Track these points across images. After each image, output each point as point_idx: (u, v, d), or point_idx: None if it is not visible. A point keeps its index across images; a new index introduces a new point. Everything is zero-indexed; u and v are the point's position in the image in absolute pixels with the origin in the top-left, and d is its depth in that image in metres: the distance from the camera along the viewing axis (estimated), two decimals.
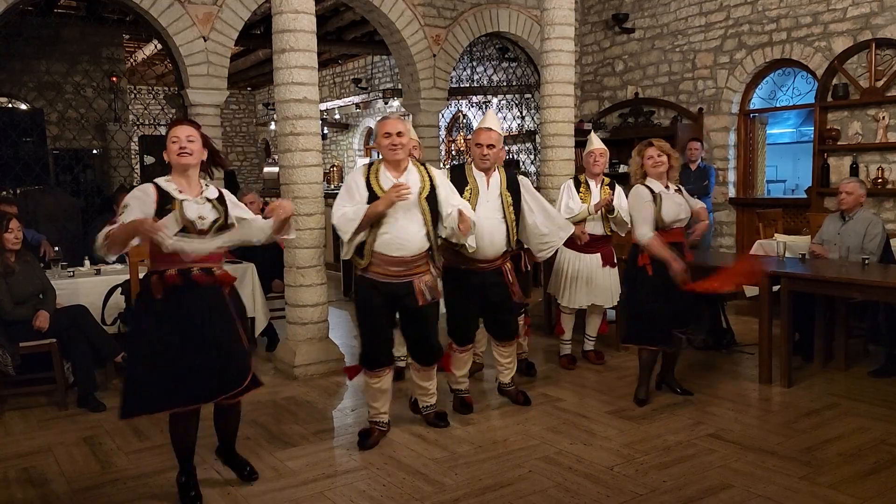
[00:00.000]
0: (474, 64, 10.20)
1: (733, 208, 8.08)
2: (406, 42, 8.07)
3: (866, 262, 4.82)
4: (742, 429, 4.04)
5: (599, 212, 5.08)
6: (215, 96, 7.02)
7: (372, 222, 3.69)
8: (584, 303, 5.21)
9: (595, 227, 5.13)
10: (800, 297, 4.88)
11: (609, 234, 5.19)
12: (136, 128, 8.25)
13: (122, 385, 3.18)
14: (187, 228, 3.07)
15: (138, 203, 3.02)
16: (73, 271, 5.29)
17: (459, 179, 4.21)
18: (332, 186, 13.10)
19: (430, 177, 3.85)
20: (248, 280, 5.66)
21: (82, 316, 4.68)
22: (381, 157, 3.85)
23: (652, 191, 4.29)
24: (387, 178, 3.74)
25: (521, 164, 10.08)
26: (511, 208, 4.26)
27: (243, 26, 7.23)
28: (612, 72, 9.22)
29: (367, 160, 12.78)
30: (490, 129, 4.24)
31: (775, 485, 3.32)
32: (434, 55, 8.28)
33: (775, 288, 4.82)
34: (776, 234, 6.77)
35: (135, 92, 9.02)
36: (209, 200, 3.18)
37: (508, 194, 4.27)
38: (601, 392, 4.78)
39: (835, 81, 6.98)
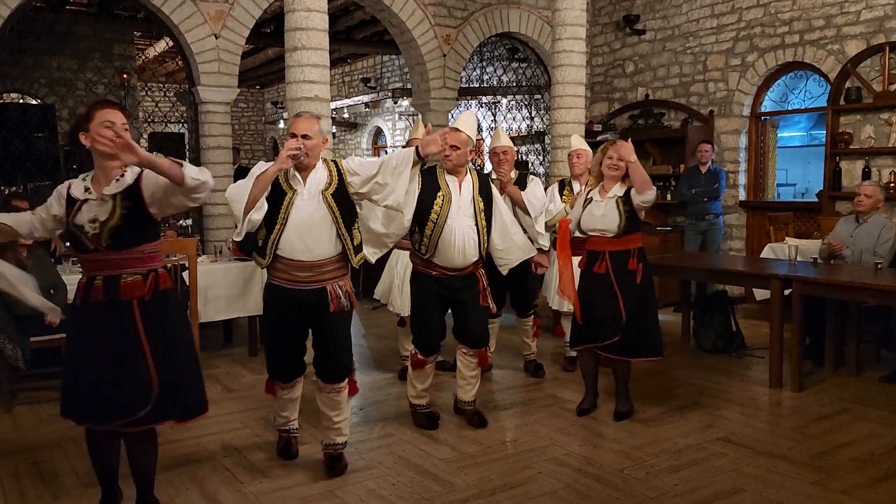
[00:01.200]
0: (484, 64, 10.18)
1: (744, 211, 8.05)
2: (416, 42, 8.06)
3: (879, 266, 4.79)
4: (753, 433, 4.01)
5: None
6: (226, 94, 7.03)
7: (263, 193, 3.23)
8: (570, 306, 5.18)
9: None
10: (811, 301, 4.85)
11: None
12: (146, 125, 8.27)
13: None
14: (76, 236, 2.72)
15: (45, 208, 2.82)
16: None
17: (431, 184, 3.96)
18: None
19: (339, 171, 3.41)
20: (256, 278, 5.65)
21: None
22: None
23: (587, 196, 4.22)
24: (296, 179, 3.34)
25: (530, 164, 10.06)
26: (483, 214, 4.00)
27: (254, 24, 7.24)
28: (623, 73, 9.19)
29: (374, 160, 12.76)
30: (457, 130, 3.98)
31: (787, 489, 3.30)
32: (444, 55, 8.27)
33: (787, 292, 4.80)
34: (787, 238, 6.74)
35: (145, 89, 9.03)
36: (112, 197, 2.72)
37: (480, 199, 4.01)
38: (611, 394, 4.74)
39: (847, 85, 6.94)
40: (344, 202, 3.38)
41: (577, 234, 4.31)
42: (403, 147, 4.48)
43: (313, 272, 3.35)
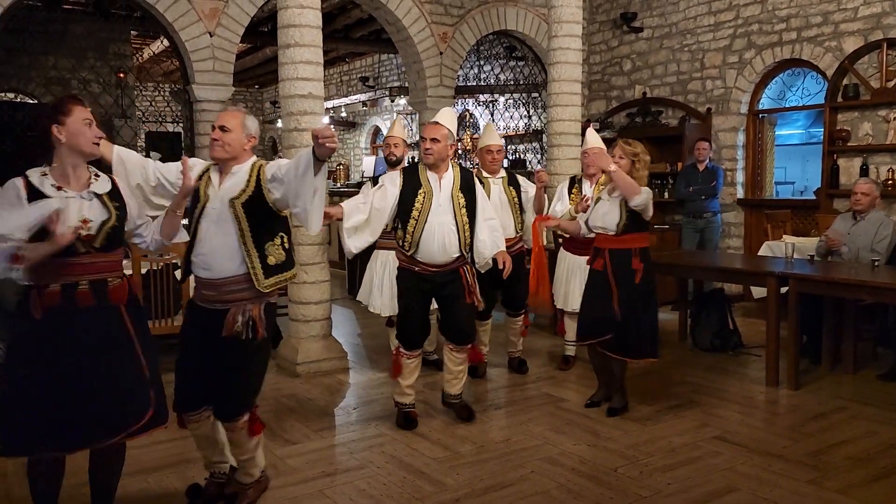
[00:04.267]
0: (481, 62, 10.15)
1: (741, 209, 8.01)
2: (413, 40, 8.03)
3: (876, 263, 4.76)
4: (748, 431, 3.98)
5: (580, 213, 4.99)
6: (221, 92, 6.99)
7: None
8: (577, 305, 5.14)
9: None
10: (808, 298, 4.82)
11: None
12: (141, 124, 8.24)
13: None
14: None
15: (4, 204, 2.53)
16: None
17: (412, 181, 3.96)
18: (339, 184, 13.10)
19: (258, 178, 2.94)
20: None
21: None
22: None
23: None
24: (212, 188, 2.98)
25: (527, 163, 10.04)
26: (464, 210, 3.96)
27: (251, 23, 7.20)
28: (620, 71, 9.16)
29: (373, 158, 12.76)
30: (436, 124, 3.97)
31: (782, 489, 3.27)
32: (441, 53, 8.23)
33: (784, 289, 4.77)
34: (785, 236, 6.71)
35: (140, 88, 9.01)
36: (97, 196, 2.64)
37: (461, 195, 3.98)
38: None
39: (845, 82, 6.91)
40: (258, 213, 2.92)
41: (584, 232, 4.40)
42: (382, 146, 4.51)
43: (216, 291, 2.93)
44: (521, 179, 5.10)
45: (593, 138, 5.08)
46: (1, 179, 2.76)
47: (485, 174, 4.98)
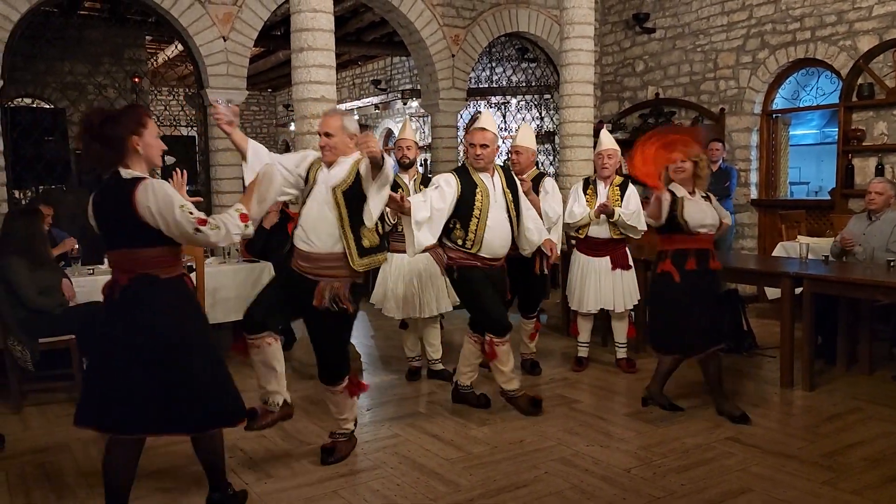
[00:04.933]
0: (493, 64, 10.17)
1: (755, 210, 7.98)
2: (425, 42, 8.06)
3: (892, 263, 4.73)
4: (762, 432, 3.96)
5: (601, 216, 4.98)
6: (234, 96, 7.05)
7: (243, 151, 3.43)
8: (592, 307, 5.14)
9: (600, 231, 5.03)
10: (823, 299, 4.79)
11: (618, 237, 5.07)
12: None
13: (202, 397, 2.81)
14: None
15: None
16: (93, 269, 5.33)
17: (468, 182, 4.14)
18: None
19: (357, 172, 3.43)
20: (265, 279, 5.66)
21: (100, 313, 4.70)
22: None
23: (674, 194, 4.20)
24: (323, 172, 3.48)
25: (539, 164, 10.03)
26: (513, 205, 4.26)
27: (263, 27, 7.27)
28: (633, 72, 9.14)
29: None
30: (484, 130, 4.14)
31: (796, 489, 3.25)
32: (453, 55, 8.26)
33: (798, 290, 4.74)
34: (799, 237, 6.67)
35: (155, 92, 9.09)
36: None
37: (509, 192, 4.26)
38: (619, 394, 4.73)
39: (860, 81, 6.87)
40: (355, 201, 3.41)
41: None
42: (394, 148, 4.69)
43: (311, 264, 3.42)
44: (548, 180, 5.06)
45: (607, 140, 5.09)
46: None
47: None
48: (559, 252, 4.85)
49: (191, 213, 2.67)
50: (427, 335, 5.03)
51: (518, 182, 4.39)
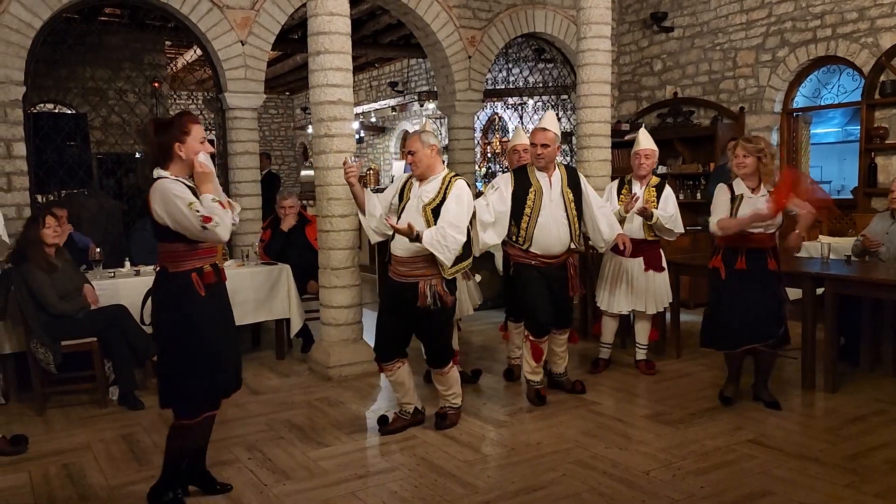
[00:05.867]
0: (510, 65, 10.15)
1: None
2: (441, 44, 8.06)
3: None
4: (784, 435, 3.92)
5: (636, 216, 4.89)
6: (252, 100, 7.10)
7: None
8: (624, 308, 5.10)
9: (634, 231, 4.95)
10: (846, 299, 4.73)
11: (652, 238, 5.03)
12: None
13: (176, 386, 3.07)
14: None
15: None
16: (114, 272, 5.39)
17: (523, 181, 4.38)
18: (370, 189, 13.18)
19: (445, 190, 3.89)
20: (283, 281, 5.70)
21: (122, 315, 4.76)
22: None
23: (733, 190, 4.19)
24: (414, 188, 3.99)
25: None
26: (573, 205, 4.39)
27: (281, 31, 7.30)
28: (651, 71, 9.08)
29: (402, 163, 12.83)
30: (545, 130, 4.35)
31: (818, 493, 3.21)
32: (469, 57, 8.25)
33: (819, 290, 4.68)
34: (820, 236, 6.58)
35: (174, 96, 9.18)
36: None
37: (570, 191, 4.39)
38: (639, 396, 4.69)
39: (882, 78, 6.76)
40: (436, 215, 3.86)
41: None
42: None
43: (408, 268, 3.87)
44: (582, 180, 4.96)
45: (645, 139, 5.05)
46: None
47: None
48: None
49: (198, 212, 2.84)
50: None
51: (581, 178, 4.52)
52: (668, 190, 5.05)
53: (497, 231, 4.36)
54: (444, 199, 3.83)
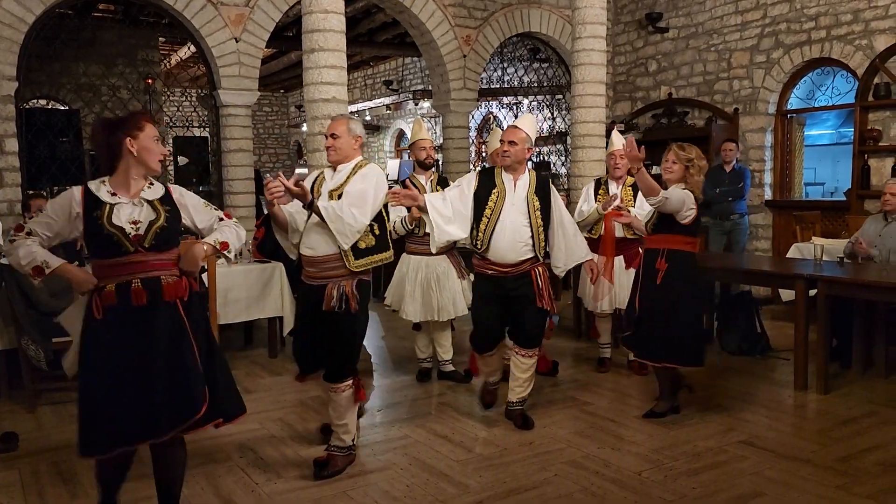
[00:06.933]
0: (505, 65, 10.15)
1: (769, 211, 7.92)
2: (436, 43, 8.06)
3: None
4: (776, 436, 3.93)
5: (608, 208, 4.93)
6: (246, 97, 7.08)
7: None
8: (607, 307, 5.12)
9: (615, 230, 5.03)
10: (838, 301, 4.74)
11: (631, 236, 5.05)
12: (169, 129, 8.35)
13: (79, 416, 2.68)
14: (114, 238, 2.63)
15: (54, 212, 2.73)
16: None
17: (487, 182, 4.09)
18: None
19: (353, 174, 3.54)
20: (276, 279, 5.68)
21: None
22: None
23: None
24: (326, 182, 3.60)
25: (552, 165, 10.00)
26: (538, 213, 4.03)
27: (275, 28, 7.29)
28: (646, 72, 9.10)
29: (397, 161, 12.82)
30: (516, 128, 4.08)
31: (810, 494, 3.22)
32: (464, 56, 8.25)
33: (812, 292, 4.70)
34: (814, 238, 6.61)
35: (168, 93, 9.15)
36: (147, 202, 2.74)
37: (536, 199, 4.04)
38: (631, 396, 4.69)
39: (876, 80, 6.80)
40: None
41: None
42: (408, 149, 4.61)
43: (317, 268, 3.49)
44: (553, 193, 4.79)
45: (619, 140, 5.07)
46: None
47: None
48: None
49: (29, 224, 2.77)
50: (438, 337, 5.02)
51: (552, 188, 4.19)
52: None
53: (460, 226, 4.02)
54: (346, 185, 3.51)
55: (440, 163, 9.03)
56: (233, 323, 5.75)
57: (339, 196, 3.43)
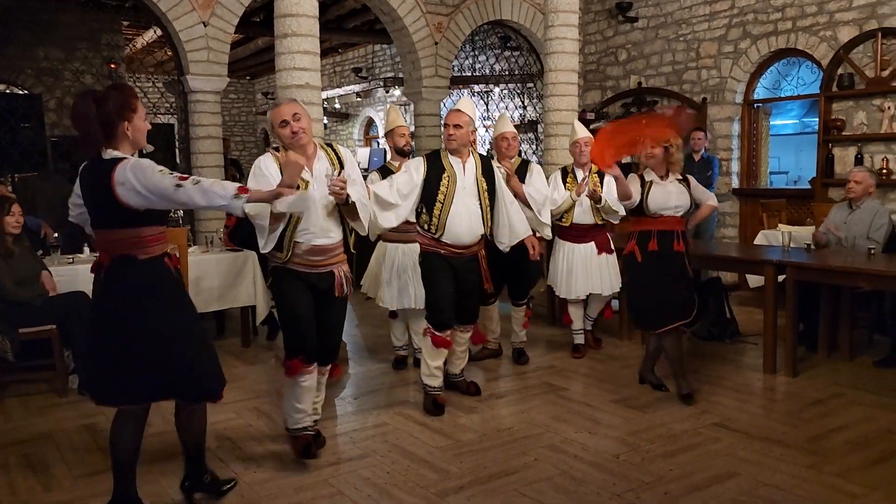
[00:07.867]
0: (476, 52, 10.14)
1: (737, 199, 8.05)
2: (408, 30, 8.01)
3: (872, 251, 4.80)
4: (748, 418, 4.01)
5: (587, 201, 5.01)
6: (215, 83, 6.96)
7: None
8: (581, 293, 5.17)
9: (585, 217, 5.09)
10: (805, 287, 4.85)
11: (601, 222, 5.14)
12: None
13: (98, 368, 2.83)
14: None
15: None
16: (73, 258, 5.24)
17: (436, 166, 4.10)
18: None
19: (337, 157, 3.54)
20: (248, 268, 5.62)
21: (82, 302, 4.63)
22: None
23: (643, 178, 4.33)
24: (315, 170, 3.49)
25: (522, 153, 10.03)
26: (486, 194, 4.14)
27: (243, 13, 7.16)
28: (615, 61, 9.16)
29: (367, 150, 12.73)
30: (459, 111, 4.13)
31: (782, 473, 3.30)
32: (436, 43, 8.22)
33: (780, 278, 4.80)
34: (780, 225, 6.75)
35: (133, 79, 8.95)
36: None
37: (483, 180, 4.15)
38: (606, 381, 4.75)
39: (840, 71, 6.94)
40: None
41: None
42: (384, 137, 4.57)
43: (324, 256, 3.47)
44: (533, 166, 4.99)
45: (581, 129, 5.23)
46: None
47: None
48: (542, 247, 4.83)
49: (171, 173, 2.67)
50: (414, 324, 5.01)
51: (498, 169, 4.35)
52: (609, 177, 5.12)
53: (398, 214, 4.01)
54: (342, 165, 3.50)
55: (413, 151, 8.98)
56: (205, 312, 5.67)
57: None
